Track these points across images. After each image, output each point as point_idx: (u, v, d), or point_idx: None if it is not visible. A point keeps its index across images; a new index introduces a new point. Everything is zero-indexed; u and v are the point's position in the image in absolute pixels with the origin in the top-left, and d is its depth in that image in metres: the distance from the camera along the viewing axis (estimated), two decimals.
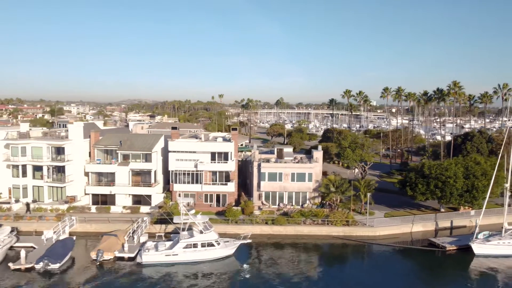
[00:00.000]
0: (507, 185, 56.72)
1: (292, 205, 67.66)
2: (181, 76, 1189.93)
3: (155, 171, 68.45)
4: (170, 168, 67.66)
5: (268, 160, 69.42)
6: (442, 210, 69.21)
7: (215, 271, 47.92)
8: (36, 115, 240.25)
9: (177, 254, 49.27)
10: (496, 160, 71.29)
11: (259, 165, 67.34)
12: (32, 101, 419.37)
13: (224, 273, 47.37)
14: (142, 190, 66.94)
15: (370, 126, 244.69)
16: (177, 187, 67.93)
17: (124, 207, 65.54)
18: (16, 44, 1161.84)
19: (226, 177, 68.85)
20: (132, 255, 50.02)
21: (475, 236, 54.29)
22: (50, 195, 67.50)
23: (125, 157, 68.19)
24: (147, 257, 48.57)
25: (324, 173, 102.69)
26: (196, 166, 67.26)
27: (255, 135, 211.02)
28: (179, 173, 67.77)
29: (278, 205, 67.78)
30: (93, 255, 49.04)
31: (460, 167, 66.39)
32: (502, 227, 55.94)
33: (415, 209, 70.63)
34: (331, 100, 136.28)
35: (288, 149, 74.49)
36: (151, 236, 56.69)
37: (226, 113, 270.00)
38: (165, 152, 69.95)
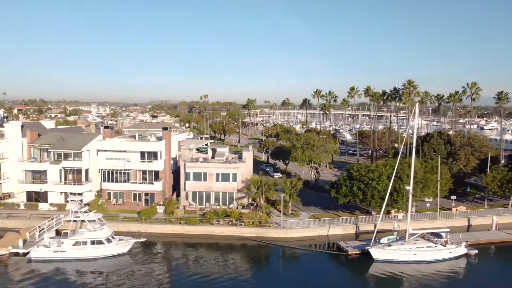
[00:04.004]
0: (410, 187, 54.23)
1: (218, 205, 67.40)
2: (210, 76, 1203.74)
3: (86, 170, 69.86)
4: (100, 166, 68.92)
5: (197, 160, 69.52)
6: (374, 213, 67.01)
7: (101, 268, 48.54)
8: (49, 116, 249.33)
9: (65, 251, 50.22)
10: (436, 163, 68.74)
11: (184, 165, 67.53)
12: (57, 101, 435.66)
13: (104, 271, 47.91)
14: (71, 188, 68.51)
15: (380, 127, 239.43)
16: (106, 186, 69.08)
17: (51, 204, 67.34)
18: (51, 45, 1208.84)
19: (155, 176, 69.42)
20: (26, 251, 51.30)
21: (373, 240, 52.35)
22: None
23: (60, 156, 69.90)
24: (36, 253, 49.78)
25: (288, 174, 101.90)
26: (124, 165, 68.18)
27: (256, 135, 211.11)
28: (109, 172, 68.86)
29: (205, 205, 67.71)
30: None
31: (389, 169, 64.17)
32: (406, 232, 53.68)
33: (347, 212, 68.82)
34: (304, 100, 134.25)
35: (222, 149, 74.17)
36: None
37: (219, 114, 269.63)
38: None
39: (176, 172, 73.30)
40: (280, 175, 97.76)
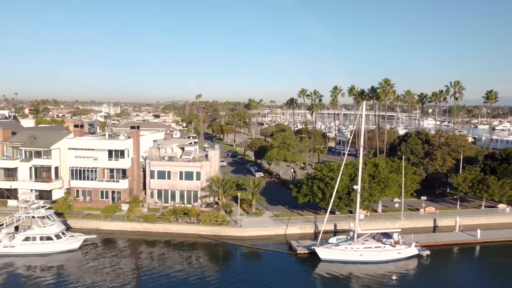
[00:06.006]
0: (358, 187, 53.47)
1: (183, 203, 67.77)
2: (222, 77, 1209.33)
3: (56, 167, 71.11)
4: (69, 164, 69.91)
5: (163, 158, 70.03)
6: (337, 213, 66.39)
7: (47, 264, 49.37)
8: (57, 115, 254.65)
9: (14, 246, 51.28)
10: (400, 163, 67.74)
11: (149, 163, 68.13)
12: (72, 102, 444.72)
13: (51, 266, 48.80)
14: (39, 186, 69.74)
15: (387, 127, 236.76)
16: (75, 183, 70.05)
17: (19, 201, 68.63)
18: (64, 45, 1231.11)
19: (123, 174, 70.16)
20: None
21: (319, 240, 51.79)
22: None
23: (30, 154, 71.28)
24: None
25: (270, 173, 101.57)
26: (91, 163, 69.09)
27: (256, 135, 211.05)
28: (78, 169, 69.79)
29: (170, 203, 68.13)
30: None
31: (351, 169, 63.55)
32: (354, 232, 53.00)
33: (312, 211, 68.35)
34: (291, 99, 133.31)
35: (189, 148, 74.51)
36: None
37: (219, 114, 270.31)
38: None
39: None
40: (262, 174, 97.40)
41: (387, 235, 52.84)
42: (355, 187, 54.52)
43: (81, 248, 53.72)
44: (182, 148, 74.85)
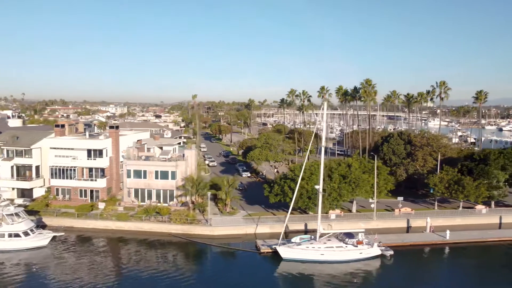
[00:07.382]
0: (319, 187, 53.55)
1: (159, 202, 68.51)
2: (229, 77, 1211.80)
3: (37, 166, 72.53)
4: (49, 163, 71.22)
5: (140, 157, 70.92)
6: (310, 212, 66.49)
7: (15, 261, 50.58)
8: (62, 115, 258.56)
9: None
10: (374, 164, 67.70)
11: (126, 163, 69.06)
12: (82, 102, 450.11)
13: (16, 263, 49.97)
14: (20, 184, 71.34)
15: (390, 127, 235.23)
16: (55, 182, 71.28)
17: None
18: (71, 45, 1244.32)
19: (102, 173, 71.22)
20: None
21: (280, 239, 52.08)
22: None
23: (13, 153, 72.76)
24: None
25: (257, 173, 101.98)
26: (70, 162, 70.30)
27: (256, 135, 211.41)
28: (57, 168, 70.99)
29: (146, 202, 68.93)
30: None
31: (324, 169, 63.55)
32: (317, 231, 53.12)
33: (286, 211, 68.22)
34: (282, 100, 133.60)
35: (168, 148, 75.30)
36: None
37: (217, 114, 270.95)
38: None
39: None
40: (249, 174, 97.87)
41: (350, 235, 52.84)
42: (316, 186, 54.65)
43: (50, 245, 54.76)
44: (161, 148, 75.62)
